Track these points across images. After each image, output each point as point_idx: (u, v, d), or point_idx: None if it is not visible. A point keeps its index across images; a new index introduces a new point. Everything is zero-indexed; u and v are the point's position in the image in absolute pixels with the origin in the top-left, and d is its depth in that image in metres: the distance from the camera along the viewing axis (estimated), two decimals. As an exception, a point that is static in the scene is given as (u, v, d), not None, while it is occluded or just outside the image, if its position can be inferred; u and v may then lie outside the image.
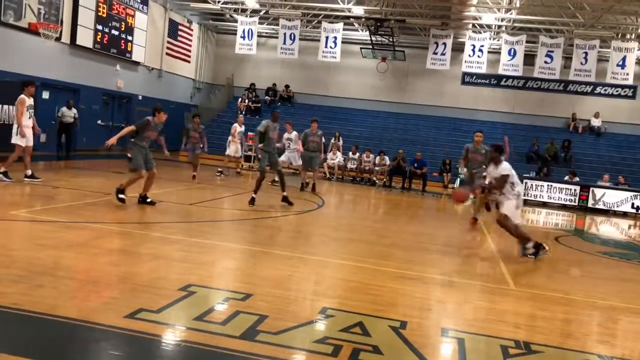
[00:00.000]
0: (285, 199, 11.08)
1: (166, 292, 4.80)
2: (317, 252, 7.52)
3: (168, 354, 3.77)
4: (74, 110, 17.49)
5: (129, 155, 9.53)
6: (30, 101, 10.69)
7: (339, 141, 21.27)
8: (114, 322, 3.96)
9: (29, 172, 10.69)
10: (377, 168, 20.23)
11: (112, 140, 9.12)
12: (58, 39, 16.91)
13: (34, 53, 16.55)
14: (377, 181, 20.02)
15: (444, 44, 22.39)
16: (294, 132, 15.97)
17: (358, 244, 8.55)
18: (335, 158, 20.21)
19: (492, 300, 5.93)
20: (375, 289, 5.76)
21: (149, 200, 9.26)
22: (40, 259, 5.45)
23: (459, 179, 20.20)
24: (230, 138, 16.81)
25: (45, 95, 17.47)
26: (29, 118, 10.66)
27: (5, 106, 14.58)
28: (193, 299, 4.75)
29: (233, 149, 16.83)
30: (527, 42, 21.75)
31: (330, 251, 7.74)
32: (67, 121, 17.35)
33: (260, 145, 11.11)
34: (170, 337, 3.94)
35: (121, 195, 8.90)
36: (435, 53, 22.47)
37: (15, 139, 10.53)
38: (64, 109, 17.37)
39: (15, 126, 10.56)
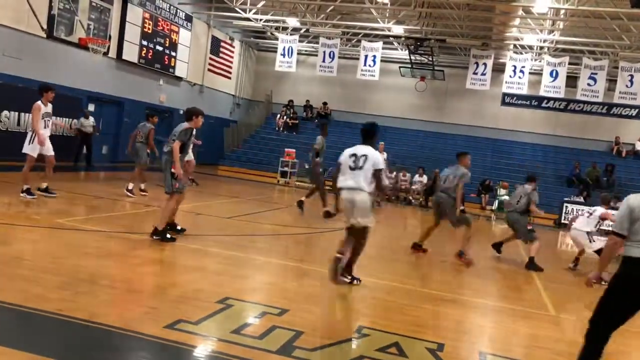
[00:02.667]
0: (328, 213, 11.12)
1: (204, 304, 4.86)
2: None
3: (205, 365, 3.81)
4: (92, 119, 17.59)
5: (173, 170, 7.46)
6: (46, 108, 9.66)
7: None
8: (153, 331, 4.03)
9: (45, 185, 9.76)
10: (415, 187, 20.10)
11: (179, 171, 7.33)
12: (105, 54, 17.45)
13: (83, 67, 17.10)
14: (413, 200, 19.87)
15: (485, 64, 22.20)
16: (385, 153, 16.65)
17: (395, 264, 8.49)
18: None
19: (532, 325, 5.80)
20: (412, 309, 5.71)
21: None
22: (83, 267, 5.59)
23: (497, 202, 19.90)
24: None
25: (91, 107, 17.98)
26: (45, 127, 9.63)
27: (58, 119, 14.96)
28: (230, 312, 4.79)
29: None
30: (569, 63, 21.37)
31: (366, 269, 7.69)
32: (87, 131, 17.46)
33: (317, 160, 11.62)
34: (209, 348, 3.98)
35: (169, 236, 7.42)
36: (475, 73, 22.28)
37: (26, 149, 9.53)
38: (82, 119, 17.24)
39: (29, 134, 9.60)
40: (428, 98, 26.47)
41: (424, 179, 20.13)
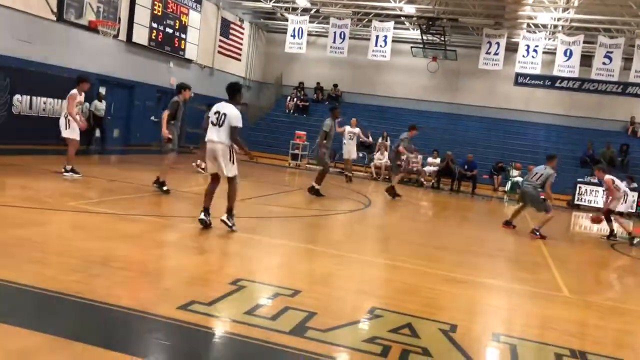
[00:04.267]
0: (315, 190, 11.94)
1: (217, 286, 4.87)
2: (365, 252, 7.49)
3: (220, 346, 3.82)
4: (104, 103, 17.60)
5: (169, 137, 9.73)
6: (81, 97, 10.52)
7: (386, 141, 21.10)
8: (167, 312, 4.04)
9: (69, 166, 10.40)
10: (428, 168, 20.00)
11: (165, 132, 9.65)
12: (115, 37, 17.40)
13: (93, 50, 17.08)
14: (424, 182, 19.79)
15: (497, 43, 21.92)
16: (357, 128, 16.62)
17: (406, 245, 8.47)
18: (383, 158, 20.08)
19: (545, 306, 5.76)
20: (424, 290, 5.69)
21: (165, 188, 9.63)
22: (97, 250, 5.62)
23: (510, 183, 19.78)
24: None
25: (102, 90, 17.99)
26: (76, 114, 10.41)
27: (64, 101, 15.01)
28: (243, 293, 4.80)
29: None
30: (584, 42, 21.03)
31: (378, 251, 7.70)
32: (100, 114, 17.48)
33: (324, 142, 12.05)
34: (222, 329, 4.00)
35: (165, 188, 9.58)
36: (488, 53, 22.02)
37: (65, 133, 10.30)
38: (96, 102, 17.31)
39: (63, 120, 10.31)
40: (440, 79, 26.23)
41: (438, 161, 20.01)
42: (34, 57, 15.02)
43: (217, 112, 7.04)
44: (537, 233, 10.17)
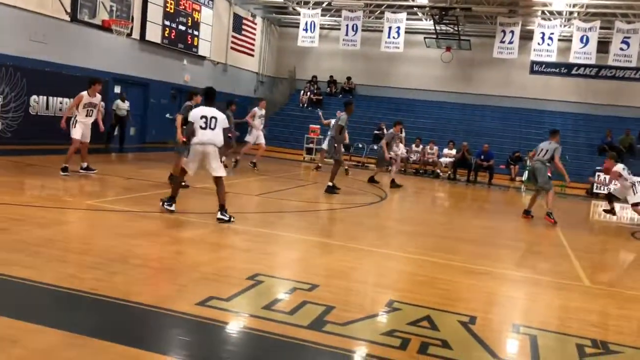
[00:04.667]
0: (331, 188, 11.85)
1: (235, 281, 4.89)
2: (382, 245, 7.47)
3: (238, 341, 3.84)
4: (127, 103, 17.85)
5: (184, 140, 9.80)
6: (90, 99, 10.48)
7: (401, 133, 20.98)
8: (185, 309, 4.07)
9: (85, 164, 10.72)
10: (444, 159, 19.89)
11: (181, 136, 9.49)
12: (129, 35, 17.51)
13: (107, 49, 17.21)
14: (440, 174, 19.68)
15: (512, 32, 21.67)
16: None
17: (423, 237, 8.43)
18: (398, 150, 19.97)
19: (565, 296, 5.71)
20: (442, 282, 5.66)
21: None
22: (115, 247, 5.66)
23: (527, 172, 19.57)
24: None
25: (117, 89, 18.13)
26: (87, 116, 10.51)
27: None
28: (261, 288, 4.81)
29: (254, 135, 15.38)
30: (601, 28, 20.70)
31: (395, 244, 7.67)
32: (121, 114, 17.67)
33: (339, 136, 12.08)
34: (240, 324, 4.01)
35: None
36: (502, 42, 21.77)
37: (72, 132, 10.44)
38: (118, 101, 17.59)
39: (72, 121, 10.48)
40: (454, 69, 26.03)
41: (454, 152, 19.88)
42: (49, 57, 15.17)
43: (205, 117, 7.45)
44: (552, 216, 10.41)
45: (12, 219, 6.45)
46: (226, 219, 7.39)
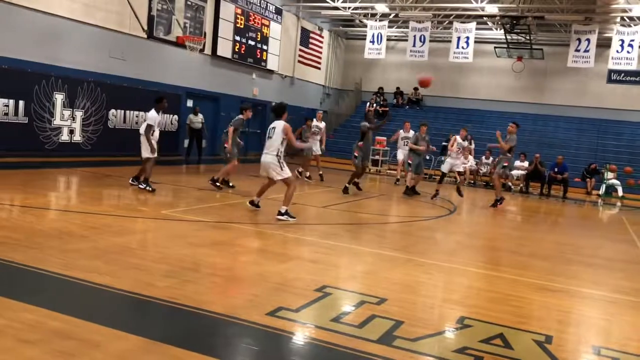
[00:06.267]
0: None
1: (303, 292, 4.91)
2: (452, 259, 7.30)
3: (307, 352, 3.84)
4: (201, 116, 18.35)
5: (226, 146, 11.33)
6: (159, 117, 10.29)
7: (470, 144, 20.56)
8: (256, 319, 4.12)
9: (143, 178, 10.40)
10: (515, 171, 19.29)
11: (229, 147, 11.09)
12: (201, 51, 18.11)
13: (180, 64, 17.87)
14: (512, 186, 19.10)
15: (588, 40, 20.83)
16: (412, 132, 16.71)
17: (495, 252, 8.19)
18: (467, 162, 19.56)
19: (650, 318, 5.37)
20: (515, 300, 5.47)
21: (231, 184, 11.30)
22: (187, 256, 5.83)
23: (604, 186, 18.72)
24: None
25: (189, 103, 18.76)
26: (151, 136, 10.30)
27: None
28: (329, 300, 4.81)
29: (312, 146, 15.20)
30: (686, 33, 19.59)
31: (464, 258, 7.48)
32: (195, 127, 18.23)
33: (360, 144, 12.94)
34: (310, 336, 4.01)
35: (218, 184, 11.06)
36: (577, 50, 20.96)
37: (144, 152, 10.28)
38: (192, 115, 18.16)
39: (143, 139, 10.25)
40: (526, 79, 25.31)
41: (526, 164, 19.25)
42: (127, 73, 15.91)
43: (271, 128, 8.55)
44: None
45: (91, 227, 6.77)
46: (283, 218, 8.26)
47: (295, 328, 4.08)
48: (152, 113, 10.14)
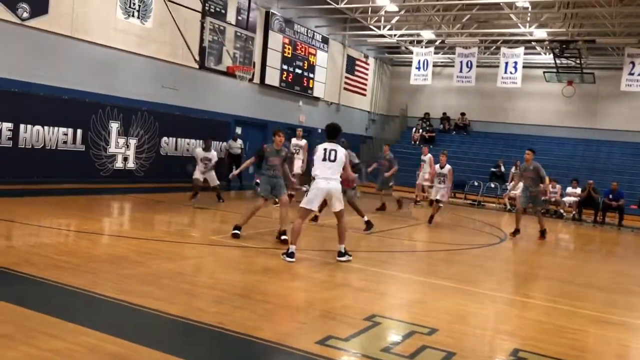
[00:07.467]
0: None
1: (352, 321, 4.89)
2: (503, 289, 7.14)
3: (357, 383, 3.82)
4: (240, 142, 18.54)
5: (257, 181, 10.88)
6: (206, 154, 12.95)
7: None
8: (306, 347, 4.12)
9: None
10: (567, 198, 18.76)
11: (235, 173, 10.62)
12: (250, 80, 18.52)
13: (229, 93, 18.31)
14: (564, 214, 18.57)
15: (642, 62, 20.26)
16: (429, 155, 16.02)
17: (548, 282, 7.96)
18: (517, 189, 19.14)
19: None
20: (570, 332, 5.29)
21: (283, 237, 8.44)
22: (238, 282, 5.90)
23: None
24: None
25: (238, 130, 19.13)
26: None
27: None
28: (378, 330, 4.77)
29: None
30: None
31: (516, 288, 7.31)
32: (235, 152, 18.44)
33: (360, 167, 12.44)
34: (359, 366, 3.99)
35: (235, 232, 8.56)
36: (631, 74, 20.38)
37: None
38: (231, 141, 18.28)
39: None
40: (577, 103, 24.76)
41: (578, 190, 18.71)
42: (178, 102, 16.40)
43: (325, 149, 7.54)
44: None
45: (145, 253, 6.95)
46: (344, 259, 7.46)
47: (345, 357, 4.06)
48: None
